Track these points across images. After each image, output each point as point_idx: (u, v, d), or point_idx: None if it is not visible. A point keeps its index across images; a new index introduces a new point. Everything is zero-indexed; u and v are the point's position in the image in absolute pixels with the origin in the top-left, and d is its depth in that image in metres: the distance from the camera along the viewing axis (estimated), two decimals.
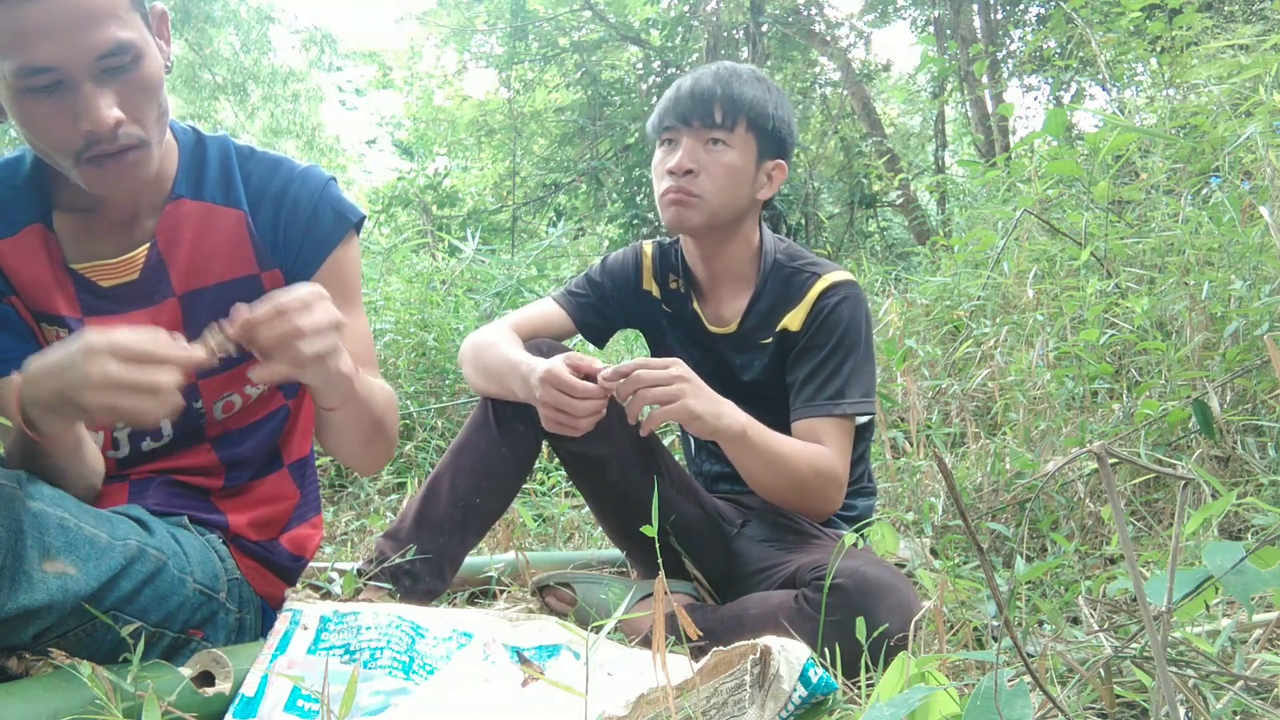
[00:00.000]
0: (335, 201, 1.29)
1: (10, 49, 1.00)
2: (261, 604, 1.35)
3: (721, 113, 1.53)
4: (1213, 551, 0.77)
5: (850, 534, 1.24)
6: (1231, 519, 1.66)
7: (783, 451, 1.46)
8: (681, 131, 1.55)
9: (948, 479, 0.76)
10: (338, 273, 1.29)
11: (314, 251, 1.27)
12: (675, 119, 1.56)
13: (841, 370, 1.52)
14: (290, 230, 1.27)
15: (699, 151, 1.54)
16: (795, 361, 1.57)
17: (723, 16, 8.73)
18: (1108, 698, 0.95)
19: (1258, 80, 2.80)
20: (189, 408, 1.27)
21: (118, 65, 1.05)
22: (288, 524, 1.40)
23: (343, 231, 1.29)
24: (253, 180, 1.27)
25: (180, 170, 1.24)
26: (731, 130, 1.53)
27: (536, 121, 10.68)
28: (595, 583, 1.64)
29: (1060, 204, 3.31)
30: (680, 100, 1.56)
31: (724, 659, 0.97)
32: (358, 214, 1.31)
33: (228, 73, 12.15)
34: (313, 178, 1.29)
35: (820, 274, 1.59)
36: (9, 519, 0.97)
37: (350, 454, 1.29)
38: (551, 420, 1.43)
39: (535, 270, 4.67)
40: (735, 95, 1.53)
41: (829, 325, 1.54)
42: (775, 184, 1.60)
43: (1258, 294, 2.02)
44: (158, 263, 1.22)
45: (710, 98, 1.54)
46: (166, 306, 1.23)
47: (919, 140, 10.28)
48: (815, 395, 1.52)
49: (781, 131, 1.58)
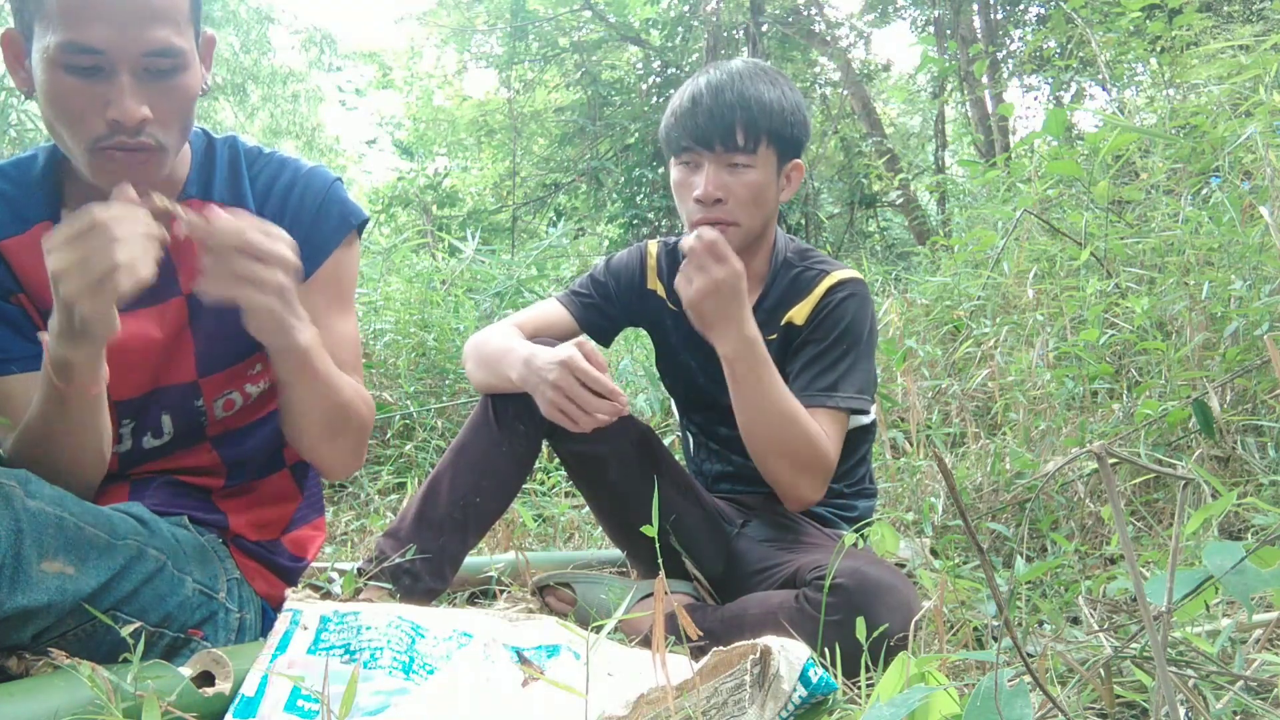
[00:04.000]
0: (341, 203, 1.29)
1: (63, 22, 1.01)
2: (262, 604, 1.35)
3: (744, 134, 1.47)
4: (1213, 551, 0.77)
5: (850, 534, 1.24)
6: (1231, 519, 1.66)
7: (786, 408, 1.44)
8: (702, 155, 1.49)
9: (948, 479, 0.76)
10: (336, 274, 1.30)
11: (317, 250, 1.27)
12: (695, 141, 1.49)
13: (839, 364, 1.51)
14: (295, 229, 1.25)
15: (723, 175, 1.49)
16: (795, 353, 1.56)
17: (723, 16, 8.74)
18: (1108, 698, 0.95)
19: (1258, 80, 2.80)
20: (190, 405, 1.27)
21: (161, 67, 1.06)
22: (289, 525, 1.40)
23: (345, 232, 1.30)
24: (260, 180, 1.27)
25: (192, 171, 1.24)
26: (755, 152, 1.48)
27: (536, 121, 10.69)
28: (595, 583, 1.64)
29: (1060, 204, 3.31)
30: (699, 119, 1.48)
31: (724, 659, 0.97)
32: (361, 216, 1.31)
33: (227, 73, 12.14)
34: (319, 177, 1.29)
35: (829, 271, 1.58)
36: (9, 518, 0.97)
37: (311, 446, 1.26)
38: (554, 408, 1.41)
39: (535, 270, 4.66)
40: (755, 112, 1.47)
41: (832, 319, 1.54)
42: (794, 184, 1.58)
43: (1258, 294, 2.02)
44: (166, 261, 1.21)
45: (730, 118, 1.47)
46: (173, 305, 1.23)
47: (919, 140, 10.28)
48: (809, 385, 1.51)
49: (798, 132, 1.54)
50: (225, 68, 12.21)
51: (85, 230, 0.97)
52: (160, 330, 1.22)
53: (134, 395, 1.24)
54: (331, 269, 1.29)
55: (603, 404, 1.40)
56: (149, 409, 1.26)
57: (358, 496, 2.73)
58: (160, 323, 1.22)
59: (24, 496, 1.00)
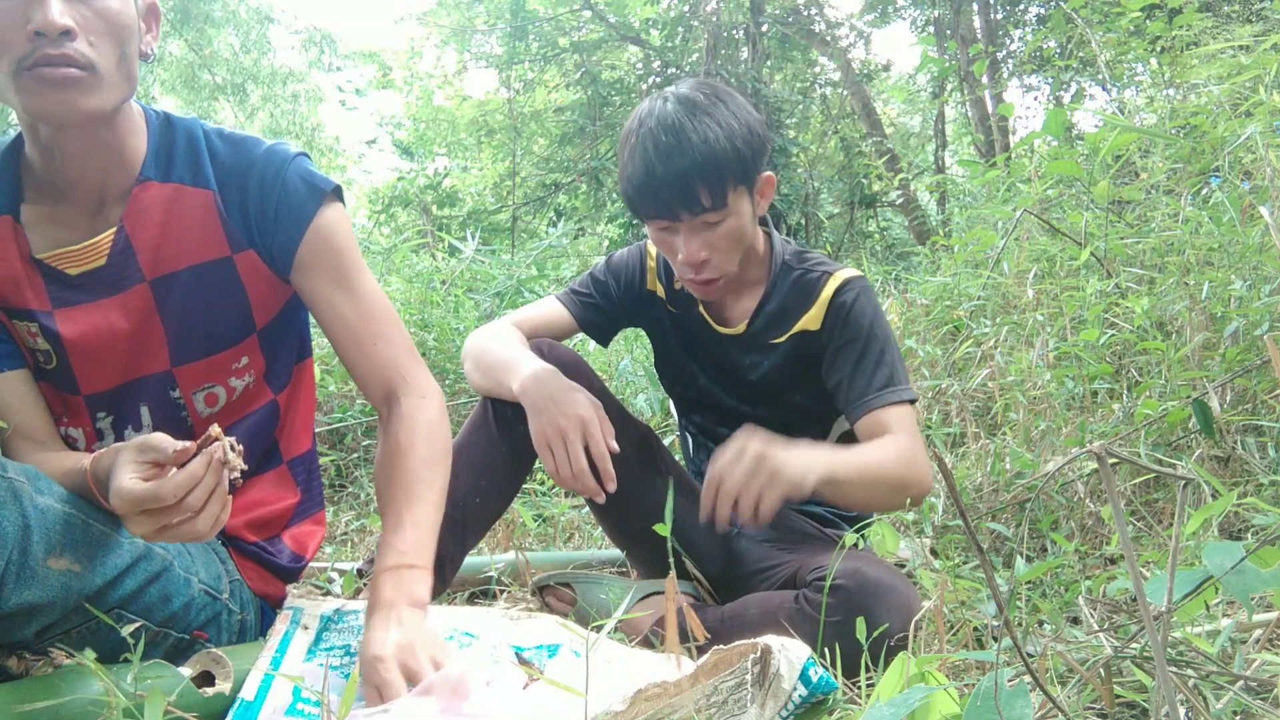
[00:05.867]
0: (304, 174, 1.24)
1: None
2: (261, 604, 1.35)
3: (709, 195, 1.41)
4: (1213, 551, 0.77)
5: (850, 534, 1.24)
6: (1231, 519, 1.66)
7: (870, 461, 1.40)
8: (674, 225, 1.46)
9: (948, 479, 0.76)
10: (325, 243, 1.24)
11: (291, 226, 1.22)
12: (661, 214, 1.44)
13: (885, 359, 1.50)
14: (262, 209, 1.22)
15: (700, 236, 1.45)
16: (832, 363, 1.54)
17: (723, 16, 8.73)
18: (1108, 698, 0.95)
19: (1258, 80, 2.80)
20: (166, 396, 1.26)
21: None
22: (290, 521, 1.39)
23: (317, 202, 1.24)
24: (219, 159, 1.23)
25: (149, 153, 1.21)
26: (725, 205, 1.43)
27: (536, 121, 10.68)
28: (595, 583, 1.64)
29: (1060, 204, 3.31)
30: (659, 194, 1.41)
31: (724, 657, 0.97)
32: (330, 183, 1.25)
33: (227, 73, 12.14)
34: (278, 153, 1.24)
35: (831, 272, 1.58)
36: (17, 514, 0.97)
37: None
38: (547, 443, 1.40)
39: (535, 270, 4.67)
40: (711, 168, 1.39)
41: (855, 320, 1.53)
42: (769, 196, 1.56)
43: (1258, 294, 2.02)
44: (125, 247, 1.19)
45: (690, 186, 1.40)
46: (136, 292, 1.20)
47: (919, 140, 10.28)
48: (867, 389, 1.48)
49: (756, 153, 1.47)
50: (225, 68, 12.20)
51: (168, 508, 0.96)
52: (126, 319, 1.20)
53: (106, 388, 1.23)
54: (317, 240, 1.24)
55: (589, 478, 1.38)
56: (125, 400, 1.25)
57: (358, 496, 2.73)
58: (125, 312, 1.20)
59: (33, 493, 1.00)
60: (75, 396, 1.23)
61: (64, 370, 1.21)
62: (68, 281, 1.19)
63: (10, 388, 1.20)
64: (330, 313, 1.25)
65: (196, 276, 1.22)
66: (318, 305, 1.26)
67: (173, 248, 1.21)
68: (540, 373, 1.46)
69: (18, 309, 1.19)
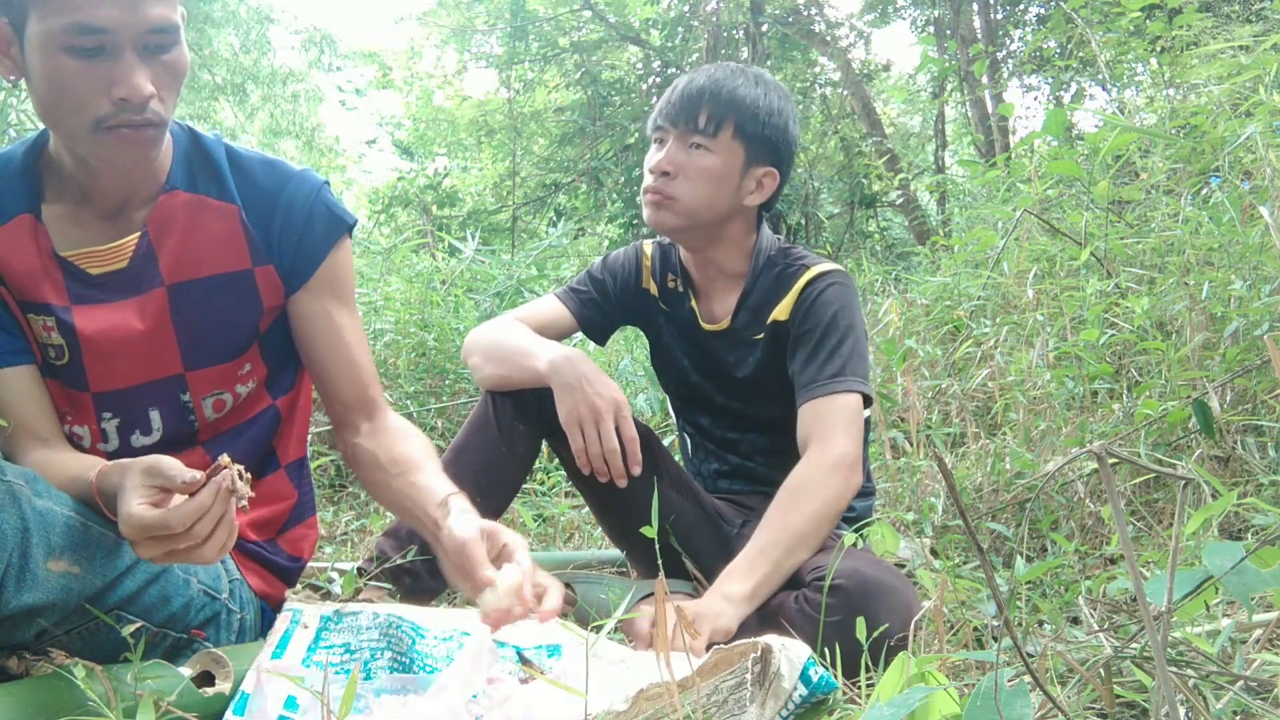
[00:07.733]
0: (330, 206, 1.30)
1: (66, 5, 1.03)
2: (261, 604, 1.35)
3: (706, 117, 1.52)
4: (1213, 551, 0.77)
5: (850, 534, 1.24)
6: (1231, 519, 1.66)
7: (793, 524, 1.39)
8: (669, 132, 1.56)
9: (948, 479, 0.76)
10: (334, 275, 1.31)
11: (310, 254, 1.28)
12: (665, 119, 1.56)
13: (840, 349, 1.50)
14: (286, 232, 1.27)
15: (680, 154, 1.54)
16: (792, 350, 1.55)
17: (723, 16, 8.74)
18: (1108, 698, 0.95)
19: (1258, 80, 2.80)
20: (177, 401, 1.27)
21: (161, 44, 1.08)
22: (285, 525, 1.40)
23: (337, 235, 1.31)
24: (246, 178, 1.27)
25: (175, 162, 1.24)
26: (714, 136, 1.52)
27: (536, 121, 10.68)
28: (595, 583, 1.64)
29: (1060, 204, 3.31)
30: (672, 100, 1.56)
31: (725, 657, 0.97)
32: (351, 219, 1.33)
33: (227, 73, 12.13)
34: (308, 181, 1.30)
35: (809, 265, 1.59)
36: (16, 517, 0.97)
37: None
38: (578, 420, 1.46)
39: (535, 270, 4.66)
40: (724, 99, 1.51)
41: (819, 308, 1.53)
42: (766, 191, 1.58)
43: (1258, 294, 2.02)
44: (147, 251, 1.22)
45: (698, 101, 1.52)
46: (154, 296, 1.22)
47: (919, 140, 10.27)
48: (816, 376, 1.49)
49: (774, 138, 1.55)
50: (225, 68, 12.20)
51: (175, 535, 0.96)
52: (142, 321, 1.22)
53: (115, 387, 1.24)
54: (329, 271, 1.30)
55: (618, 459, 1.45)
56: (136, 403, 1.25)
57: (358, 496, 2.73)
58: (141, 314, 1.22)
59: (31, 496, 1.00)
60: (83, 394, 1.23)
61: (75, 366, 1.22)
62: (88, 280, 1.21)
63: (17, 382, 1.21)
64: (329, 326, 1.31)
65: (215, 285, 1.25)
66: (316, 320, 1.31)
67: (194, 256, 1.24)
68: (571, 353, 1.49)
69: (35, 302, 1.20)
